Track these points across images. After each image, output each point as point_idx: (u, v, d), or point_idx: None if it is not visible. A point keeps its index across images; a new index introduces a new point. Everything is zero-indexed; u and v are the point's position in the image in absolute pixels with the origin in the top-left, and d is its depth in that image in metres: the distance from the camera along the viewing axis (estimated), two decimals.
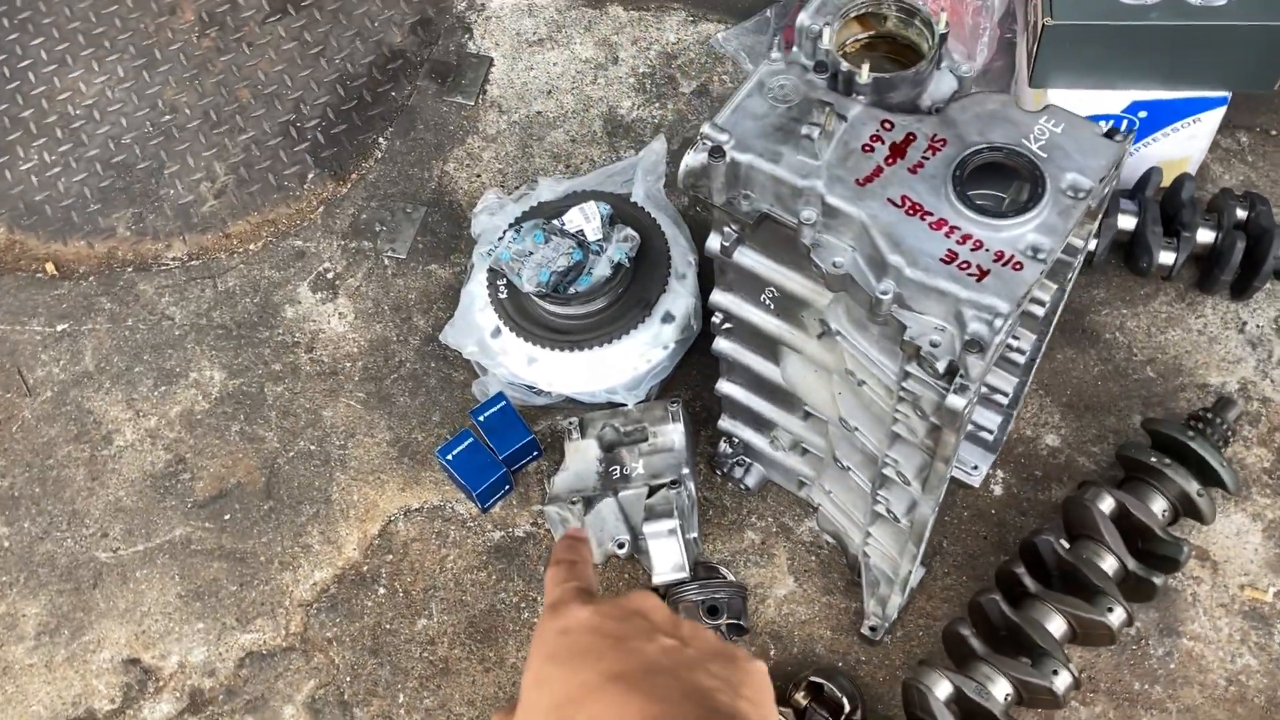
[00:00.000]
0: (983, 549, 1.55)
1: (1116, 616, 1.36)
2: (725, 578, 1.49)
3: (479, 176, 1.90)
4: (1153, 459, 1.43)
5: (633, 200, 1.69)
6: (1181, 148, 1.68)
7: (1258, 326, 1.67)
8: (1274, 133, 1.84)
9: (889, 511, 1.26)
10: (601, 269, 1.58)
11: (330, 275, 1.83)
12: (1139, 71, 1.57)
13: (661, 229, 1.66)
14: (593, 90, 1.97)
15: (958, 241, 0.97)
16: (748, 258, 1.15)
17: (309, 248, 1.86)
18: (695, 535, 1.51)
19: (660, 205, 1.71)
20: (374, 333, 1.78)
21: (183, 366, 1.77)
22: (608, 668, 0.66)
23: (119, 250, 1.89)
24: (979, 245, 0.96)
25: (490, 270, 1.64)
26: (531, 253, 1.59)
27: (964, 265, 0.96)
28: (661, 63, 1.99)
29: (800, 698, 1.42)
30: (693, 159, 1.04)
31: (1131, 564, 1.40)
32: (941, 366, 0.97)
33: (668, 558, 1.44)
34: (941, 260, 0.96)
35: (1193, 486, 1.42)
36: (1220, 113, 1.62)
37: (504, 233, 1.65)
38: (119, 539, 1.64)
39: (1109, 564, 1.40)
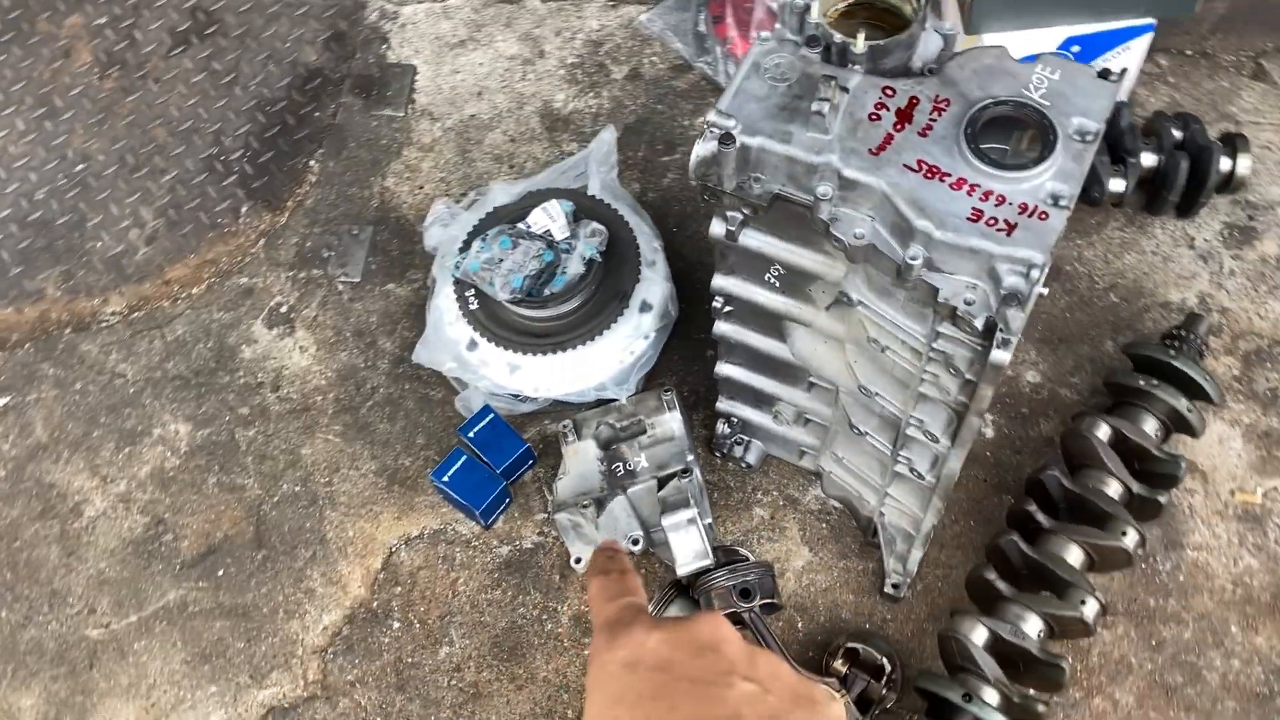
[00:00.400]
0: (984, 491, 1.57)
1: (1131, 539, 1.40)
2: (747, 558, 1.49)
3: (422, 188, 1.85)
4: (1141, 382, 1.47)
5: (590, 194, 1.67)
6: None
7: (1205, 240, 1.73)
8: (1189, 53, 1.91)
9: (912, 470, 1.28)
10: (574, 267, 1.56)
11: (284, 309, 1.77)
12: (1070, 6, 1.60)
13: (624, 219, 1.64)
14: (523, 86, 1.93)
15: (981, 198, 0.98)
16: (754, 239, 1.15)
17: (256, 283, 1.80)
18: (710, 521, 1.50)
19: (617, 195, 1.69)
20: (340, 362, 1.72)
21: (144, 424, 1.69)
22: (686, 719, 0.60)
23: (52, 312, 1.79)
24: (1002, 200, 0.97)
25: (457, 282, 1.61)
26: (501, 260, 1.56)
27: (991, 221, 0.96)
28: (589, 51, 1.96)
29: (839, 665, 1.43)
30: (702, 148, 1.02)
31: (1135, 486, 1.44)
32: (979, 323, 0.97)
33: (689, 547, 1.42)
34: (969, 219, 0.96)
35: (1181, 403, 1.46)
36: (1148, 38, 1.67)
37: (467, 242, 1.61)
38: (108, 613, 1.56)
39: (1114, 489, 1.44)
